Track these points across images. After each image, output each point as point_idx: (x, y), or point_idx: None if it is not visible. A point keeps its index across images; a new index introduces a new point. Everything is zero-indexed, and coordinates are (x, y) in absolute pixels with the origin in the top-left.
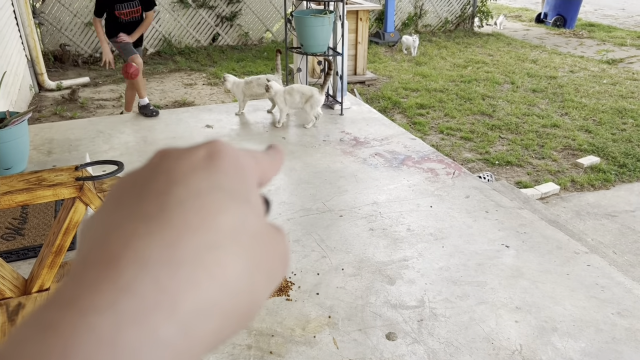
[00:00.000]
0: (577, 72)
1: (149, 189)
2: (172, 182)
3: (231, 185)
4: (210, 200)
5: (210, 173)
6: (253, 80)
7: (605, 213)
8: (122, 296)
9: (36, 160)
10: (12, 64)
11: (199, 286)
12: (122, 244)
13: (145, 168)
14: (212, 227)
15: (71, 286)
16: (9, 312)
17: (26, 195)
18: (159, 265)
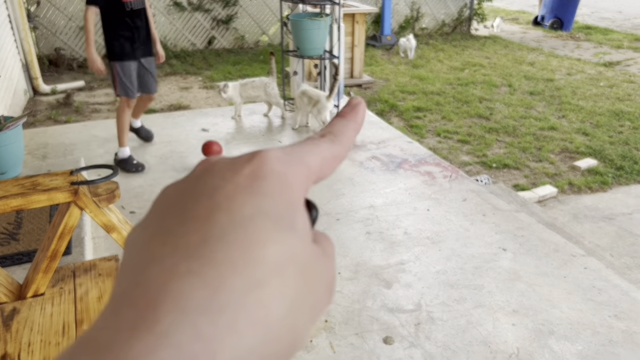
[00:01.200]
0: (574, 74)
1: (192, 212)
2: (215, 207)
3: (276, 210)
4: (253, 229)
5: (254, 196)
6: (248, 82)
7: (603, 216)
8: (159, 345)
9: (31, 165)
10: (6, 68)
11: (240, 333)
12: (161, 284)
13: (189, 181)
14: (255, 263)
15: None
16: (4, 316)
17: (21, 200)
18: (198, 312)
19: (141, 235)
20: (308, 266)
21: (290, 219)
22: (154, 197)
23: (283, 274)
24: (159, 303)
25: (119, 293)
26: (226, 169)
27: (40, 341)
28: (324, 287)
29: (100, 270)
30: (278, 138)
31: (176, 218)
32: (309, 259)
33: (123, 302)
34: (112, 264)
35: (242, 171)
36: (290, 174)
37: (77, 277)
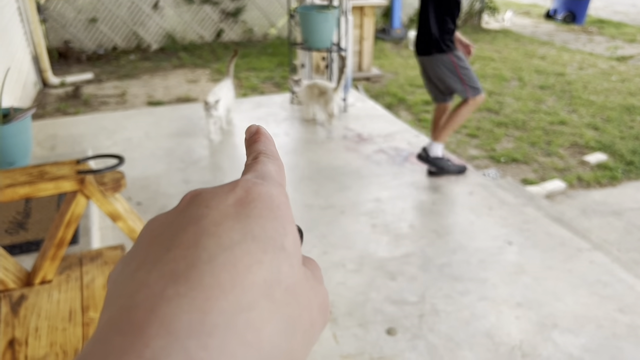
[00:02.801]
0: (586, 68)
1: (179, 240)
2: (202, 232)
3: (264, 232)
4: (241, 253)
5: (242, 220)
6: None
7: (612, 211)
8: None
9: (39, 156)
10: (16, 60)
11: (232, 355)
12: (149, 308)
13: (175, 212)
14: (244, 285)
15: (96, 354)
16: (12, 303)
17: (28, 188)
18: (188, 335)
19: (126, 267)
20: (298, 287)
21: (279, 239)
22: (159, 188)
23: (272, 295)
24: (147, 327)
25: (107, 320)
26: (211, 198)
27: (47, 327)
28: (317, 308)
29: (107, 258)
30: (285, 130)
31: (163, 247)
32: (298, 280)
33: (111, 328)
34: (118, 253)
35: (228, 199)
36: (275, 196)
37: (84, 265)
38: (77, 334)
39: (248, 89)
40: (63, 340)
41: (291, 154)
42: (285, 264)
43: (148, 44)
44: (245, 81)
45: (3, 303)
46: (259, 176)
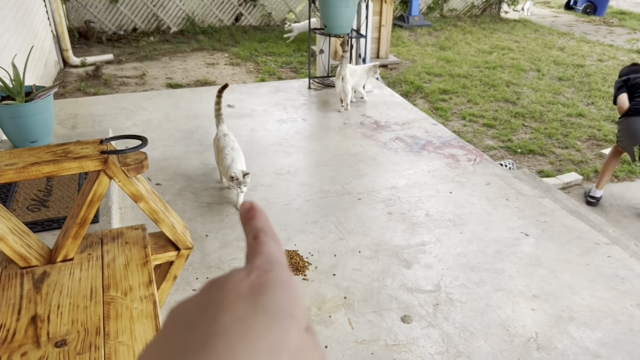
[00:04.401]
0: (606, 60)
1: (198, 319)
2: (220, 310)
3: (275, 304)
4: (253, 323)
5: (255, 297)
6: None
7: (629, 205)
8: None
9: (61, 134)
10: (38, 39)
11: None
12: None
13: (196, 298)
14: (253, 351)
15: None
16: (35, 279)
17: (52, 167)
18: None
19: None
20: (304, 349)
21: (289, 308)
22: (178, 170)
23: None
24: None
25: None
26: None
27: (69, 304)
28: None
29: (127, 238)
30: (302, 116)
31: (186, 327)
32: (303, 344)
33: None
34: (139, 233)
35: (242, 283)
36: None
37: (105, 244)
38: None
39: (266, 73)
40: (84, 318)
41: (308, 139)
42: (293, 329)
43: (168, 26)
44: (263, 65)
45: (26, 279)
46: (266, 262)
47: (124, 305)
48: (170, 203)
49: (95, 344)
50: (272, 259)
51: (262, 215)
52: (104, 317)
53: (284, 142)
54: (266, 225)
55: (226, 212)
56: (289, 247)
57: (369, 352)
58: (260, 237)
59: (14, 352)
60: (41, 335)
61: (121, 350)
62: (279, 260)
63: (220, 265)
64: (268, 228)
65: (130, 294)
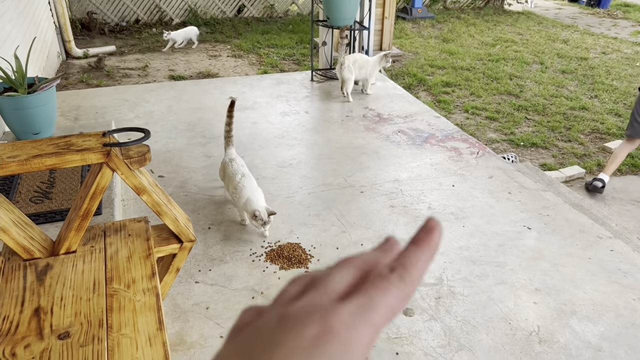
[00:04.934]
0: (610, 53)
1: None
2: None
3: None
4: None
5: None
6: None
7: (632, 199)
8: None
9: (63, 126)
10: (40, 30)
11: None
12: None
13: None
14: None
15: None
16: (38, 272)
17: (55, 159)
18: None
19: None
20: None
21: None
22: (181, 162)
23: None
24: None
25: None
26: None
27: (72, 296)
28: None
29: (130, 230)
30: (305, 109)
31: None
32: None
33: None
34: (142, 225)
35: (306, 332)
36: (355, 340)
37: (108, 237)
38: (101, 304)
39: (268, 65)
40: (87, 311)
41: (311, 131)
42: None
43: (170, 17)
44: (265, 57)
45: (29, 271)
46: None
47: (127, 297)
48: (173, 195)
49: (98, 336)
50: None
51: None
52: (106, 310)
53: (286, 134)
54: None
55: (229, 204)
56: (292, 239)
57: None
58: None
59: (17, 344)
60: (44, 327)
61: (124, 343)
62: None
63: (223, 257)
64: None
65: (133, 286)
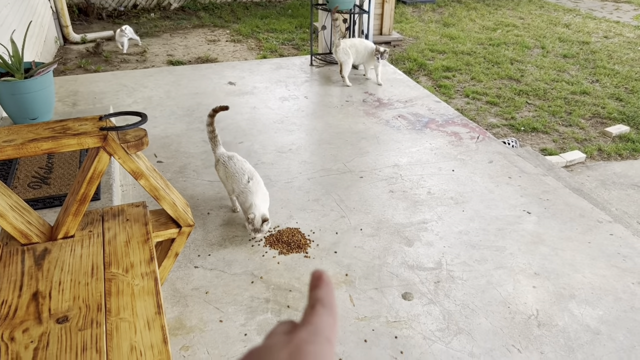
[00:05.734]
0: (612, 37)
1: None
2: None
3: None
4: None
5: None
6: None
7: (632, 183)
8: None
9: (61, 112)
10: (37, 14)
11: None
12: None
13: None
14: None
15: None
16: (36, 256)
17: (51, 143)
18: None
19: None
20: None
21: None
22: (180, 147)
23: None
24: None
25: None
26: (267, 353)
27: (70, 280)
28: None
29: (128, 215)
30: (304, 93)
31: None
32: None
33: None
34: (140, 210)
35: (281, 353)
36: (323, 350)
37: (106, 222)
38: (100, 288)
39: (267, 50)
40: (86, 295)
41: (310, 117)
42: None
43: (168, 2)
44: (265, 42)
45: (27, 256)
46: (312, 333)
47: (125, 282)
48: (172, 181)
49: (97, 320)
50: (318, 332)
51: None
52: (105, 294)
53: (285, 119)
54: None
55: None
56: (291, 224)
57: (370, 329)
58: (317, 307)
59: (15, 328)
60: (43, 312)
61: (122, 327)
62: (325, 335)
63: (222, 242)
64: (328, 300)
65: (131, 270)
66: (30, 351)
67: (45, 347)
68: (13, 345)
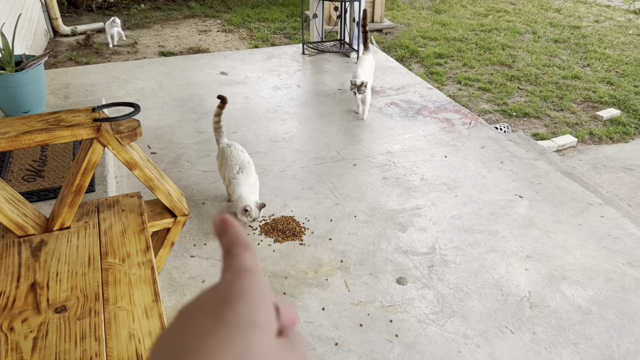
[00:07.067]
0: (602, 22)
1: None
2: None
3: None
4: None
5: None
6: None
7: (623, 166)
8: None
9: (53, 105)
10: (26, 7)
11: None
12: None
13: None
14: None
15: None
16: (32, 248)
17: (45, 135)
18: None
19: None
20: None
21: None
22: (173, 138)
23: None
24: None
25: None
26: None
27: (67, 271)
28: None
29: (124, 206)
30: (297, 82)
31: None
32: (272, 350)
33: None
34: (135, 200)
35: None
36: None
37: (101, 212)
38: (97, 278)
39: (259, 39)
40: (83, 285)
41: (303, 105)
42: (257, 337)
43: None
44: (256, 32)
45: (23, 248)
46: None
47: (122, 271)
48: (166, 171)
49: (95, 309)
50: (241, 269)
51: (233, 228)
52: (102, 283)
53: (278, 109)
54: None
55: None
56: (286, 213)
57: (365, 313)
58: (232, 251)
59: (14, 318)
60: (41, 302)
61: (120, 315)
62: (249, 269)
63: None
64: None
65: (128, 260)
66: (29, 341)
67: (44, 336)
68: (12, 335)
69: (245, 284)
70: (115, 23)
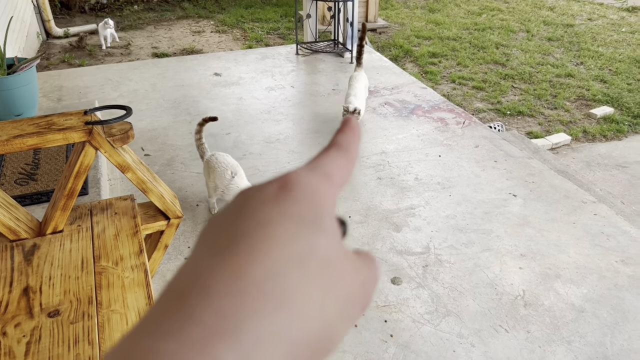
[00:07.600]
0: (596, 20)
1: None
2: (242, 217)
3: (301, 213)
4: (277, 228)
5: (280, 203)
6: None
7: (616, 164)
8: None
9: (46, 107)
10: (18, 9)
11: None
12: (193, 278)
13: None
14: (278, 256)
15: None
16: (25, 252)
17: (37, 139)
18: (223, 295)
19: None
20: (335, 261)
21: (316, 220)
22: (167, 140)
23: (306, 266)
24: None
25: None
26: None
27: (60, 275)
28: (359, 286)
29: (117, 209)
30: (290, 83)
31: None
32: (336, 256)
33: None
34: (128, 203)
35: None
36: (316, 185)
37: (94, 216)
38: (90, 282)
39: (253, 40)
40: (76, 288)
41: (297, 106)
42: (321, 240)
43: None
44: (250, 32)
45: (16, 252)
46: (312, 167)
47: (116, 274)
48: (160, 173)
49: (88, 312)
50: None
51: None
52: (95, 287)
53: (272, 109)
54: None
55: None
56: None
57: None
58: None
59: (7, 323)
60: (34, 306)
61: (114, 319)
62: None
63: None
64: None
65: (121, 263)
66: (22, 345)
67: (37, 340)
68: (5, 339)
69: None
70: (108, 24)
